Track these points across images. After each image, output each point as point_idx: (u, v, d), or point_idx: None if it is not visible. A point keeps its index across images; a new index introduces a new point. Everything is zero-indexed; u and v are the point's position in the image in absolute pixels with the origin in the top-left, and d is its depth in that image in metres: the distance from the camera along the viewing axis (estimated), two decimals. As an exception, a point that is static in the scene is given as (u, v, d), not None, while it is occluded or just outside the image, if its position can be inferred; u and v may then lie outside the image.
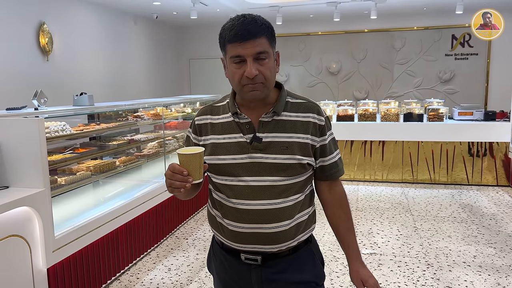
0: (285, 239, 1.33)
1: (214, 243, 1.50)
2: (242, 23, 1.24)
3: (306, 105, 1.37)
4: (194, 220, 4.62)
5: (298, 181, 1.34)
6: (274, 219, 1.31)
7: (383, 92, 8.69)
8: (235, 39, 1.23)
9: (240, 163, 1.32)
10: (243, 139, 1.33)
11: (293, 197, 1.34)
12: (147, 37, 8.27)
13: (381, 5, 6.90)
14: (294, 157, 1.31)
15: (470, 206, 4.95)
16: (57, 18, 5.84)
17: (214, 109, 1.42)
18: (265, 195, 1.31)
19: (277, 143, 1.31)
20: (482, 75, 8.21)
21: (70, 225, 2.78)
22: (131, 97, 7.21)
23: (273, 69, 1.30)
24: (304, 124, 1.33)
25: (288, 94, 1.39)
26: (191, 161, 1.18)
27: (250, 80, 1.25)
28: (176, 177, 1.18)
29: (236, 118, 1.35)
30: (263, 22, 1.27)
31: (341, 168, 1.44)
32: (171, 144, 4.62)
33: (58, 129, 2.94)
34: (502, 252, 3.63)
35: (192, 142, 1.45)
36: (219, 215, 1.40)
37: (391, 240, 3.93)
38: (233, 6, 7.15)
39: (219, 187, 1.38)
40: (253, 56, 1.23)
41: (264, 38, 1.25)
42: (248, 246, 1.35)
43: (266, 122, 1.32)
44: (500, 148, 5.75)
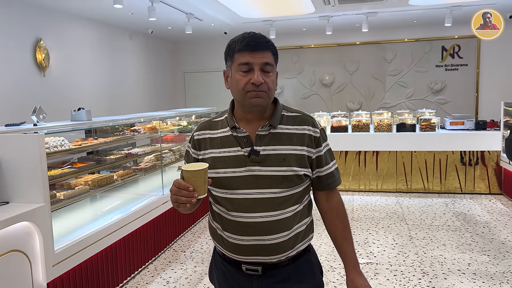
0: (285, 250, 1.37)
1: (216, 254, 1.54)
2: (253, 36, 1.34)
3: (301, 118, 1.42)
4: (191, 232, 4.64)
5: (296, 192, 1.38)
6: (273, 230, 1.35)
7: (375, 103, 8.81)
8: (246, 48, 1.32)
9: (238, 176, 1.36)
10: (241, 153, 1.37)
11: (291, 208, 1.37)
12: (142, 52, 8.36)
13: (372, 18, 7.05)
14: (291, 169, 1.35)
15: (463, 214, 5.02)
16: (54, 34, 5.90)
17: (212, 124, 1.48)
18: (264, 207, 1.34)
19: (274, 156, 1.35)
20: (472, 85, 8.36)
21: (69, 239, 2.81)
22: (127, 111, 7.26)
23: (275, 84, 1.38)
24: (300, 136, 1.38)
25: (283, 107, 1.45)
26: (196, 177, 1.22)
27: (256, 86, 1.31)
28: (182, 192, 1.22)
29: (234, 132, 1.40)
30: (270, 40, 1.37)
31: (337, 178, 1.47)
32: (168, 157, 4.66)
33: (57, 144, 2.98)
34: (495, 260, 3.69)
35: (191, 156, 1.49)
36: (220, 227, 1.43)
37: (386, 249, 3.97)
38: (227, 21, 7.27)
39: (218, 200, 1.42)
40: (260, 66, 1.32)
41: (270, 53, 1.35)
42: (249, 257, 1.38)
43: (263, 136, 1.37)
44: (491, 157, 5.85)
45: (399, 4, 6.30)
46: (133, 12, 6.32)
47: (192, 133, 1.51)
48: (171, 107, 9.11)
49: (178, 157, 4.89)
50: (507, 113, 5.64)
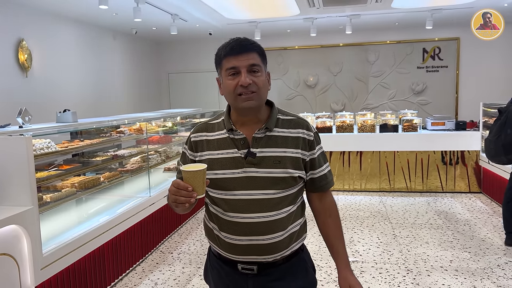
0: (280, 249, 1.41)
1: (211, 254, 1.57)
2: (236, 40, 1.38)
3: (296, 122, 1.46)
4: (178, 234, 4.64)
5: (291, 193, 1.42)
6: (269, 230, 1.39)
7: (359, 104, 8.94)
8: (231, 52, 1.36)
9: (235, 178, 1.39)
10: (238, 154, 1.40)
11: (286, 209, 1.41)
12: (126, 52, 8.29)
13: (355, 21, 7.16)
14: (286, 170, 1.39)
15: (445, 212, 5.15)
16: (36, 34, 5.82)
17: (209, 126, 1.51)
18: (260, 208, 1.38)
19: (270, 158, 1.39)
20: (452, 87, 8.56)
21: (57, 242, 2.79)
22: (111, 111, 7.20)
23: (266, 84, 1.41)
24: (295, 140, 1.42)
25: (279, 111, 1.49)
26: (195, 177, 1.25)
27: (244, 88, 1.35)
28: (181, 193, 1.25)
29: (231, 134, 1.43)
30: (255, 41, 1.41)
31: (330, 180, 1.52)
32: (154, 159, 4.65)
33: (43, 146, 2.96)
34: (476, 256, 3.80)
35: (188, 158, 1.51)
36: (216, 228, 1.46)
37: (371, 248, 4.05)
38: (212, 22, 7.27)
39: (215, 201, 1.45)
40: (246, 68, 1.35)
41: (256, 54, 1.38)
42: (245, 257, 1.42)
43: (259, 138, 1.41)
44: (471, 156, 6.01)
45: (382, 7, 6.42)
46: (117, 13, 6.27)
47: (188, 135, 1.54)
48: (156, 108, 9.06)
49: (164, 158, 4.88)
50: (485, 113, 5.81)
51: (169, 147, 5.20)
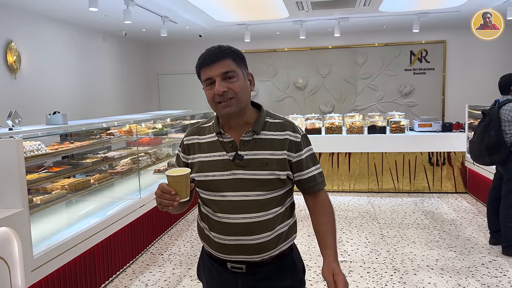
0: (267, 249, 1.45)
1: (204, 253, 1.62)
2: (208, 51, 1.43)
3: (283, 124, 1.49)
4: (168, 235, 4.66)
5: (278, 195, 1.46)
6: (256, 231, 1.42)
7: (347, 106, 9.03)
8: (203, 64, 1.42)
9: (224, 179, 1.43)
10: (226, 157, 1.45)
11: (273, 210, 1.45)
12: (116, 54, 8.27)
13: (344, 24, 7.24)
14: (273, 172, 1.42)
15: (432, 213, 5.25)
16: (25, 36, 5.78)
17: (201, 129, 1.55)
18: (247, 209, 1.42)
19: (257, 160, 1.43)
20: (439, 89, 8.70)
21: (47, 244, 2.80)
22: (100, 113, 7.17)
23: (244, 87, 1.43)
24: (281, 142, 1.45)
25: (268, 114, 1.52)
26: (178, 182, 1.31)
27: (221, 97, 1.38)
28: (165, 196, 1.31)
29: (220, 137, 1.47)
30: (228, 48, 1.43)
31: (320, 181, 1.52)
32: (144, 161, 4.66)
33: (33, 148, 2.96)
34: (461, 255, 3.89)
35: (181, 160, 1.56)
36: (207, 227, 1.52)
37: (360, 248, 4.12)
38: (202, 24, 7.30)
39: (206, 202, 1.49)
40: (220, 76, 1.38)
41: (229, 60, 1.40)
42: (233, 256, 1.46)
43: (246, 141, 1.45)
44: (457, 157, 6.12)
45: (370, 10, 6.51)
46: (107, 15, 6.26)
47: (182, 138, 1.59)
48: (145, 109, 9.05)
49: (154, 160, 4.90)
50: (471, 115, 5.93)
51: (159, 148, 5.22)
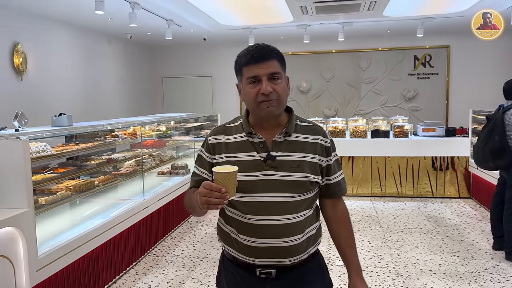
0: (298, 252, 1.43)
1: (225, 259, 1.56)
2: (256, 48, 1.41)
3: (314, 128, 1.50)
4: (171, 237, 4.68)
5: (308, 197, 1.45)
6: (288, 233, 1.40)
7: (351, 110, 9.04)
8: (251, 61, 1.39)
9: (255, 180, 1.41)
10: (257, 157, 1.42)
11: (303, 212, 1.44)
12: (121, 56, 8.32)
13: (348, 28, 7.27)
14: (304, 175, 1.42)
15: (435, 217, 5.24)
16: (32, 38, 5.84)
17: (227, 129, 1.52)
18: (279, 211, 1.40)
19: (289, 162, 1.41)
20: (442, 93, 8.70)
21: (52, 244, 2.82)
22: (105, 115, 7.21)
23: (285, 90, 1.44)
24: (313, 145, 1.46)
25: (297, 117, 1.52)
26: (227, 179, 1.25)
27: (265, 96, 1.37)
28: (214, 194, 1.23)
29: (250, 137, 1.45)
30: (275, 48, 1.43)
31: (344, 187, 1.54)
32: (148, 163, 4.69)
33: (39, 149, 2.99)
34: (464, 260, 3.88)
35: (205, 161, 1.52)
36: (234, 231, 1.47)
37: (362, 252, 4.12)
38: (206, 27, 7.34)
39: (234, 204, 1.44)
40: (267, 76, 1.38)
41: (276, 61, 1.40)
42: (263, 260, 1.42)
43: (279, 142, 1.44)
44: (461, 162, 6.12)
45: (374, 15, 6.53)
46: (113, 18, 6.31)
47: (205, 138, 1.55)
48: (150, 112, 9.09)
49: (158, 162, 4.92)
50: (475, 120, 5.92)
51: (163, 151, 5.24)
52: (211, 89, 9.55)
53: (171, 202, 4.73)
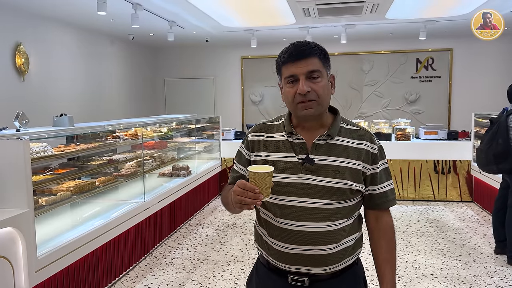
0: (332, 262, 1.34)
1: (259, 264, 1.50)
2: (295, 46, 1.34)
3: (360, 133, 1.40)
4: (171, 239, 4.66)
5: (346, 206, 1.35)
6: (320, 241, 1.32)
7: (353, 113, 9.02)
8: (288, 59, 1.32)
9: (290, 183, 1.34)
10: (295, 159, 1.35)
11: (340, 221, 1.34)
12: (123, 58, 8.34)
13: (350, 30, 7.26)
14: (345, 182, 1.32)
15: (436, 221, 5.21)
16: (34, 39, 5.85)
17: (268, 127, 1.46)
18: (312, 217, 1.32)
19: (329, 167, 1.33)
20: (445, 97, 8.68)
21: (51, 245, 2.80)
22: (107, 116, 7.22)
23: (327, 89, 1.35)
24: (357, 151, 1.36)
25: (343, 120, 1.43)
26: (262, 179, 1.20)
27: (303, 97, 1.30)
28: (248, 194, 1.19)
29: (291, 137, 1.38)
30: (315, 45, 1.35)
31: (391, 199, 1.42)
32: (149, 164, 4.68)
33: (39, 150, 2.98)
34: (466, 264, 3.86)
35: (244, 157, 1.47)
36: (265, 233, 1.42)
37: (363, 255, 4.06)
38: (209, 29, 7.34)
39: (267, 205, 1.39)
40: (305, 75, 1.30)
41: (316, 59, 1.32)
42: (295, 267, 1.36)
43: (319, 145, 1.36)
44: (463, 166, 6.09)
45: (376, 17, 6.52)
46: (115, 19, 6.32)
47: (246, 134, 1.51)
48: (151, 113, 9.09)
49: (159, 163, 4.91)
50: (477, 123, 5.90)
51: (164, 152, 5.23)
52: (213, 90, 9.55)
53: (172, 203, 4.72)
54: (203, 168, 5.99)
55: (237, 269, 3.81)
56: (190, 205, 5.37)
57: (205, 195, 6.04)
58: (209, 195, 6.26)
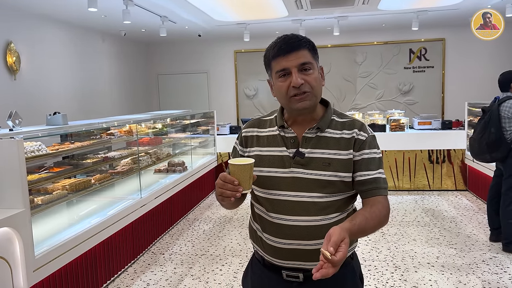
0: None
1: (254, 259, 1.50)
2: (283, 39, 1.32)
3: (351, 123, 1.38)
4: (169, 235, 4.67)
5: (339, 199, 1.34)
6: (313, 236, 1.31)
7: (347, 104, 9.04)
8: (278, 53, 1.30)
9: (281, 177, 1.34)
10: (286, 153, 1.35)
11: (333, 215, 1.33)
12: (115, 54, 8.28)
13: (343, 22, 7.25)
14: (336, 174, 1.31)
15: (432, 210, 5.26)
16: (25, 37, 5.79)
17: (261, 122, 1.47)
18: (305, 211, 1.31)
19: (319, 159, 1.32)
20: (438, 86, 8.71)
21: (49, 244, 2.80)
22: (101, 113, 7.18)
23: (319, 80, 1.34)
24: (348, 141, 1.34)
25: (335, 112, 1.42)
26: (241, 171, 1.21)
27: (297, 89, 1.28)
28: (227, 186, 1.20)
29: (282, 131, 1.38)
30: (303, 37, 1.33)
31: (383, 187, 1.33)
32: (145, 160, 4.67)
33: (34, 149, 2.96)
34: (462, 252, 3.90)
35: (238, 153, 1.48)
36: (259, 228, 1.41)
37: (360, 246, 4.13)
38: (201, 24, 7.30)
39: (260, 200, 1.40)
40: (297, 67, 1.29)
41: (306, 51, 1.31)
42: (288, 262, 1.35)
43: (309, 138, 1.35)
44: (457, 155, 6.13)
45: (369, 8, 6.52)
46: (106, 15, 6.27)
47: (240, 129, 1.52)
48: (145, 109, 9.05)
49: (155, 160, 4.90)
50: (470, 113, 5.93)
51: (159, 148, 5.22)
52: (207, 85, 9.52)
53: (168, 199, 4.72)
54: (199, 164, 5.99)
55: (235, 263, 3.82)
56: (187, 200, 5.38)
57: (201, 190, 6.05)
58: (206, 190, 6.27)
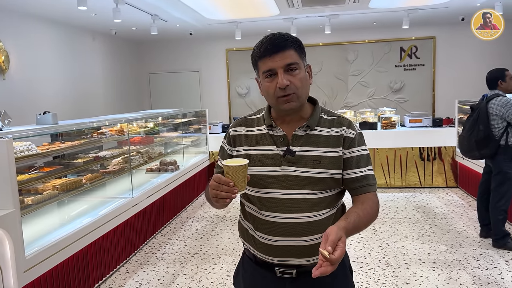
0: (318, 252, 1.29)
1: (245, 258, 1.51)
2: (270, 39, 1.32)
3: (339, 120, 1.40)
4: (161, 234, 4.65)
5: (329, 195, 1.36)
6: (305, 232, 1.33)
7: (339, 103, 9.07)
8: (264, 53, 1.30)
9: (272, 175, 1.35)
10: (276, 152, 1.36)
11: (324, 211, 1.35)
12: (106, 53, 8.22)
13: (334, 20, 7.27)
14: (326, 171, 1.33)
15: (423, 207, 5.30)
16: (13, 35, 5.72)
17: (249, 121, 1.47)
18: (296, 208, 1.33)
19: (309, 157, 1.34)
20: (429, 84, 8.78)
21: (39, 245, 2.78)
22: (91, 113, 7.13)
23: (305, 80, 1.34)
24: (337, 138, 1.37)
25: (323, 110, 1.43)
26: (236, 172, 1.21)
27: (283, 91, 1.29)
28: (222, 188, 1.20)
29: (271, 130, 1.39)
30: (290, 37, 1.33)
31: (372, 184, 1.37)
32: (136, 160, 4.64)
33: (23, 149, 2.94)
34: (453, 249, 3.94)
35: (226, 152, 1.48)
36: (251, 227, 1.42)
37: (352, 243, 4.15)
38: (192, 22, 7.28)
39: (251, 199, 1.41)
40: (283, 68, 1.29)
41: (292, 51, 1.31)
42: (281, 259, 1.37)
43: (299, 136, 1.36)
44: (448, 152, 6.19)
45: (360, 7, 6.54)
46: (96, 14, 6.22)
47: (227, 129, 1.51)
48: (137, 108, 9.00)
49: (147, 159, 4.88)
50: (461, 110, 5.99)
51: (151, 148, 5.20)
52: (198, 84, 9.49)
53: (160, 198, 4.70)
54: (191, 163, 5.98)
55: (228, 262, 3.82)
56: (179, 199, 5.36)
57: (193, 189, 6.04)
58: (198, 189, 6.26)
